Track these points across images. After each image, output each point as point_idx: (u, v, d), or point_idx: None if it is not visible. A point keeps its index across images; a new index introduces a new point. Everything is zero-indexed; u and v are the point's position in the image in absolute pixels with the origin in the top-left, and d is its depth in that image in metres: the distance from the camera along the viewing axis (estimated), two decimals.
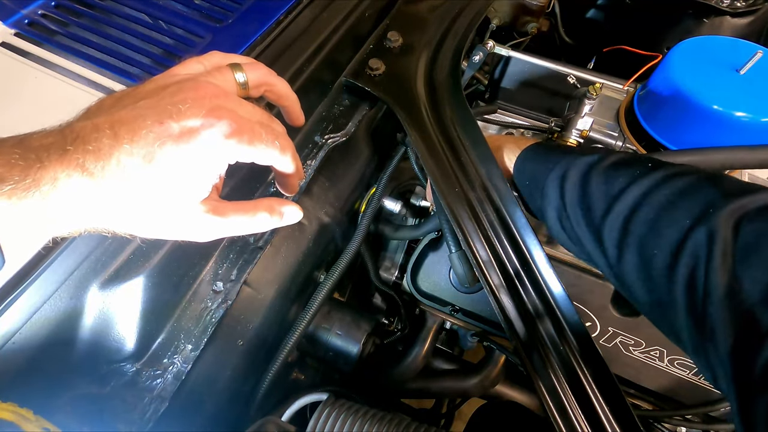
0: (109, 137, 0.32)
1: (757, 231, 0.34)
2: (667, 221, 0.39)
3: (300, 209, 0.43)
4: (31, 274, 0.44)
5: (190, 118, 0.34)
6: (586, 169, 0.49)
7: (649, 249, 0.40)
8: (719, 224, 0.35)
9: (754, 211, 0.35)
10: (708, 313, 0.35)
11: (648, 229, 0.40)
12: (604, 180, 0.46)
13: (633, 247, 0.42)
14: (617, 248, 0.43)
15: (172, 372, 0.49)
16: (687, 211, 0.38)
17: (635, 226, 0.42)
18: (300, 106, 0.48)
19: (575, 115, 0.75)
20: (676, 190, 0.40)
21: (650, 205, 0.41)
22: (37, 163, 0.30)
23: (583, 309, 0.67)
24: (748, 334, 0.32)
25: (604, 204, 0.45)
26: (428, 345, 0.77)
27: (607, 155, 0.49)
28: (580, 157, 0.50)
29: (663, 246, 0.39)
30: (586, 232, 0.48)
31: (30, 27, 0.66)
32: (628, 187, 0.43)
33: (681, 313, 0.37)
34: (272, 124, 0.39)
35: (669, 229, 0.39)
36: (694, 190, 0.39)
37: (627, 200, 0.43)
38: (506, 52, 0.87)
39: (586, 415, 0.51)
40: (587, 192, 0.47)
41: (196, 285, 0.53)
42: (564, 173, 0.50)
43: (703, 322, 0.35)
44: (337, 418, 0.57)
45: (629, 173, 0.44)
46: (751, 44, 0.67)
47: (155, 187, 0.33)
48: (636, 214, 0.42)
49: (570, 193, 0.49)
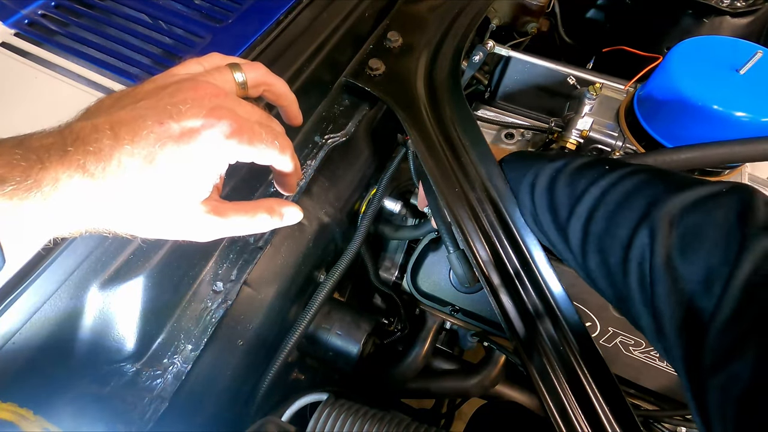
0: (110, 138, 0.32)
1: (691, 225, 0.36)
2: (619, 221, 0.42)
3: (300, 210, 0.43)
4: (31, 274, 0.44)
5: (191, 118, 0.34)
6: (554, 175, 0.50)
7: (606, 248, 0.43)
8: (659, 221, 0.38)
9: (689, 205, 0.38)
10: (656, 306, 0.37)
11: (604, 230, 0.43)
12: (568, 183, 0.48)
13: (593, 246, 0.44)
14: (581, 248, 0.46)
15: (172, 372, 0.49)
16: (634, 210, 0.41)
17: (594, 227, 0.44)
18: (298, 106, 0.48)
19: (575, 115, 0.75)
20: (626, 190, 0.43)
21: (605, 206, 0.43)
22: (38, 164, 0.30)
23: (583, 309, 0.67)
24: (691, 323, 0.34)
25: (568, 207, 0.47)
26: (428, 345, 0.77)
27: (573, 160, 0.51)
28: (549, 164, 0.52)
29: (616, 245, 0.41)
30: (556, 235, 0.50)
31: (30, 27, 0.66)
32: (587, 188, 0.46)
33: (638, 305, 0.40)
34: (271, 124, 0.39)
35: (620, 228, 0.41)
36: (642, 188, 0.42)
37: (587, 202, 0.45)
38: (506, 52, 0.87)
39: (586, 415, 0.51)
40: (554, 197, 0.49)
41: (196, 285, 0.53)
42: (534, 180, 0.52)
43: (654, 314, 0.38)
44: (337, 418, 0.57)
45: (590, 176, 0.46)
46: (751, 44, 0.67)
47: (156, 188, 0.33)
48: (594, 215, 0.44)
49: (539, 199, 0.51)
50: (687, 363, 0.35)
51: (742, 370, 0.29)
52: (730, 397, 0.30)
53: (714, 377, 0.31)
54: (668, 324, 0.36)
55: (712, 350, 0.32)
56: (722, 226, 0.35)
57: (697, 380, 0.33)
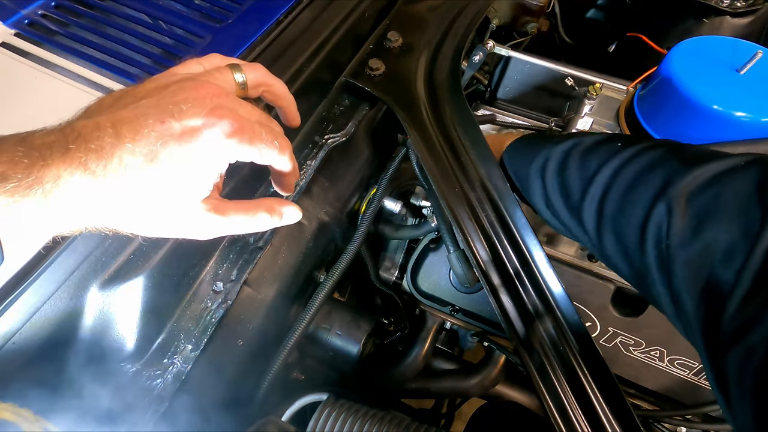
0: (111, 136, 0.32)
1: (709, 200, 0.36)
2: (634, 200, 0.42)
3: (299, 209, 0.44)
4: (31, 274, 0.44)
5: (192, 117, 0.34)
6: (563, 158, 0.50)
7: (622, 227, 0.42)
8: (675, 198, 0.38)
9: (707, 181, 0.38)
10: (674, 282, 0.38)
11: (618, 209, 0.43)
12: (578, 165, 0.48)
13: (609, 227, 0.44)
14: (596, 230, 0.46)
15: (172, 372, 0.49)
16: (649, 189, 0.41)
17: (608, 207, 0.44)
18: (296, 107, 0.48)
19: (575, 115, 0.75)
20: (640, 167, 0.43)
21: (619, 185, 0.43)
22: (40, 161, 0.30)
23: (583, 309, 0.67)
24: (711, 296, 0.35)
25: (581, 189, 0.47)
26: (428, 345, 0.77)
27: (581, 140, 0.50)
28: (557, 146, 0.51)
29: (633, 225, 0.41)
30: (569, 217, 0.49)
31: (30, 27, 0.66)
32: (600, 169, 0.45)
33: (657, 284, 0.40)
34: (271, 125, 0.40)
35: (635, 208, 0.41)
36: (657, 164, 0.41)
37: (600, 182, 0.45)
38: (506, 52, 0.87)
39: (586, 415, 0.51)
40: (565, 180, 0.49)
41: (196, 285, 0.53)
42: (543, 164, 0.52)
43: (672, 290, 0.38)
44: (337, 418, 0.57)
45: (601, 155, 0.46)
46: (751, 44, 0.67)
47: (157, 186, 0.34)
48: (608, 195, 0.44)
49: (550, 183, 0.51)
50: (706, 335, 0.35)
51: (761, 340, 0.30)
52: (748, 367, 0.30)
53: (733, 348, 0.32)
54: (687, 299, 0.37)
55: (731, 321, 0.32)
56: (741, 200, 0.35)
57: (716, 352, 0.34)
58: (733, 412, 0.32)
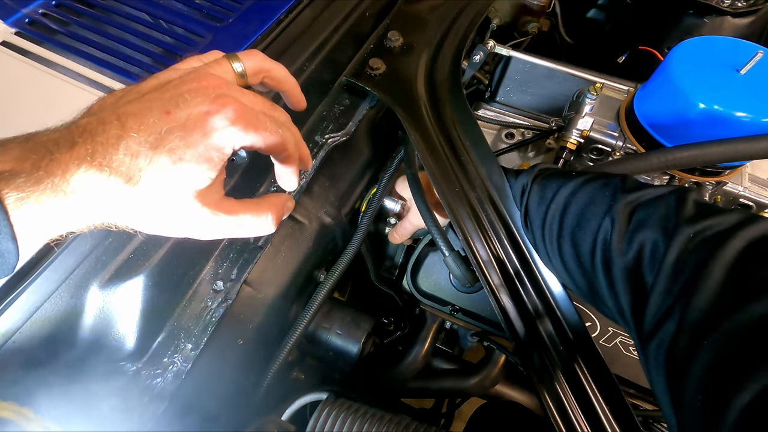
0: (117, 128, 0.32)
1: (643, 216, 0.45)
2: (589, 214, 0.49)
3: (291, 198, 0.44)
4: (32, 274, 0.44)
5: (196, 106, 0.34)
6: (520, 191, 0.57)
7: (578, 238, 0.50)
8: (618, 213, 0.46)
9: (644, 202, 0.47)
10: (614, 283, 0.45)
11: (576, 222, 0.50)
12: (538, 191, 0.55)
13: (567, 238, 0.51)
14: (556, 241, 0.52)
15: (172, 371, 0.49)
16: (600, 206, 0.49)
17: (567, 220, 0.51)
18: (300, 89, 0.48)
19: (576, 114, 0.75)
20: (593, 189, 0.51)
21: (576, 203, 0.51)
22: (48, 155, 0.30)
23: (583, 309, 0.67)
24: (639, 294, 0.42)
25: (542, 209, 0.54)
26: (428, 345, 0.77)
27: (538, 173, 0.57)
28: (516, 180, 0.59)
29: (587, 235, 0.49)
30: (532, 237, 0.56)
31: (31, 26, 0.66)
32: (558, 190, 0.53)
33: (603, 287, 0.47)
34: (275, 113, 0.40)
35: (590, 221, 0.49)
36: (605, 188, 0.50)
37: (559, 200, 0.52)
38: (507, 52, 0.87)
39: (586, 415, 0.51)
40: (529, 210, 0.56)
41: (196, 284, 0.53)
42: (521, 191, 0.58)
43: (614, 292, 0.45)
44: (337, 417, 0.57)
45: (557, 182, 0.54)
46: (751, 44, 0.67)
47: (163, 175, 0.34)
48: (567, 210, 0.51)
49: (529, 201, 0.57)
50: (637, 327, 0.42)
51: (669, 327, 0.37)
52: (661, 349, 0.38)
53: (652, 339, 0.39)
54: (622, 295, 0.44)
55: (652, 316, 0.40)
56: (663, 218, 0.44)
57: (642, 340, 0.41)
58: (658, 396, 0.38)
